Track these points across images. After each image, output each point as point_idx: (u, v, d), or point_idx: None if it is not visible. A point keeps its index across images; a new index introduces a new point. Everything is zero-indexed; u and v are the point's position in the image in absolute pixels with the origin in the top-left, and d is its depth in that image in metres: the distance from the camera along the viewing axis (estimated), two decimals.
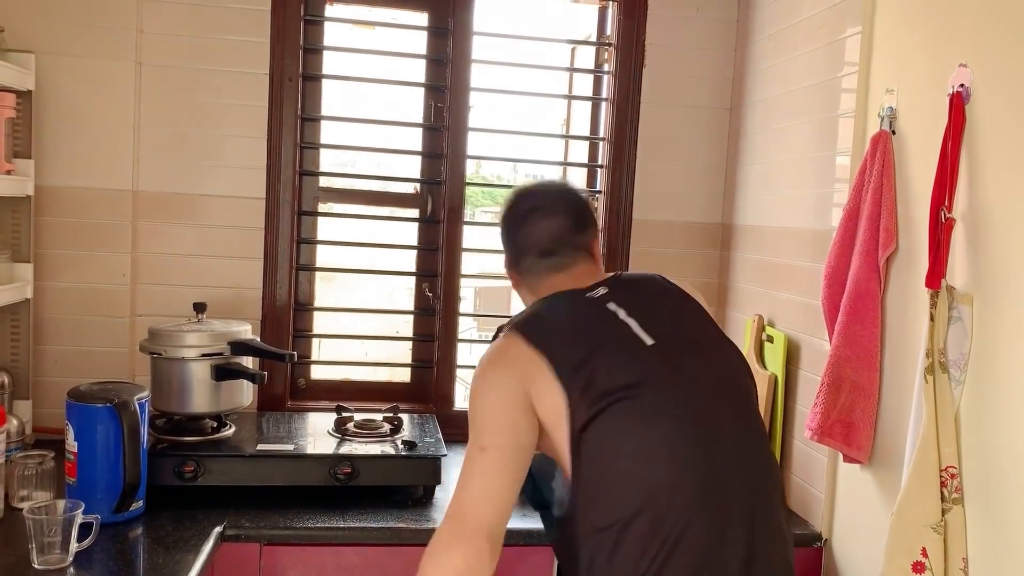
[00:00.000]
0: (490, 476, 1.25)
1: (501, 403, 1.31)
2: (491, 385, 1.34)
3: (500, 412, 1.30)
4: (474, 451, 1.27)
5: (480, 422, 1.30)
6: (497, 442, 1.27)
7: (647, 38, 2.47)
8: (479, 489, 1.24)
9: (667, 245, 2.51)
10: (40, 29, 2.15)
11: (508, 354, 1.35)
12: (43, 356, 2.20)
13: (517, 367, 1.33)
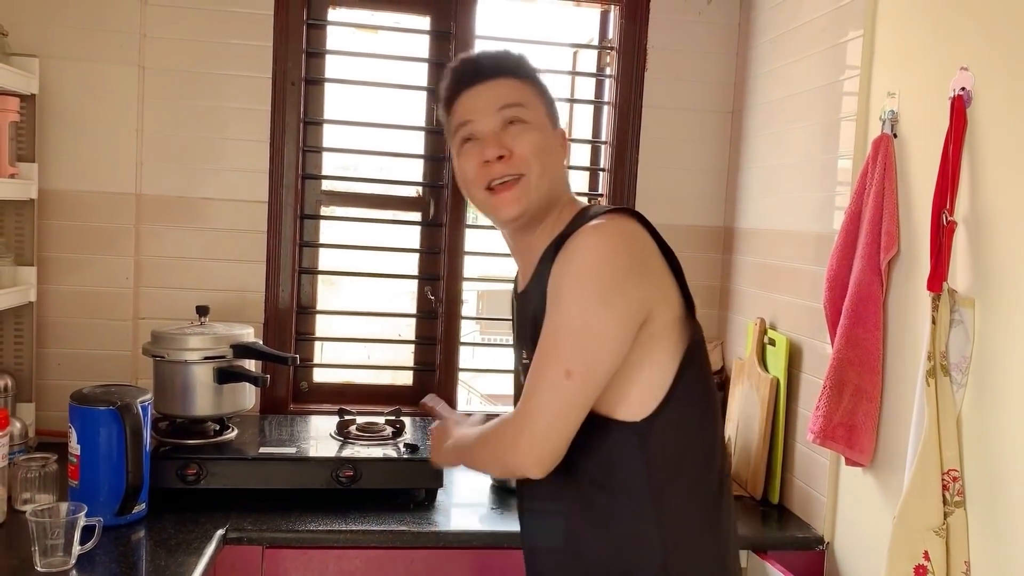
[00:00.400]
0: (570, 408, 1.16)
1: (618, 322, 1.16)
2: (618, 295, 1.17)
3: (612, 334, 1.16)
4: (557, 372, 1.15)
5: (581, 338, 1.16)
6: (589, 368, 1.16)
7: (649, 42, 2.47)
8: (556, 421, 1.16)
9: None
10: (44, 33, 2.16)
11: (637, 247, 1.22)
12: (46, 359, 2.21)
13: (647, 267, 1.22)
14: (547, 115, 1.33)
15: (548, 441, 1.16)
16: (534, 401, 1.17)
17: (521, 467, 1.18)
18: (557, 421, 1.16)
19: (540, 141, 1.29)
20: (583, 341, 1.16)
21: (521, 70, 1.33)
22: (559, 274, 1.20)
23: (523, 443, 1.17)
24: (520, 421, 1.18)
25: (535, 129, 1.29)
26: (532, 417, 1.17)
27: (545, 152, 1.29)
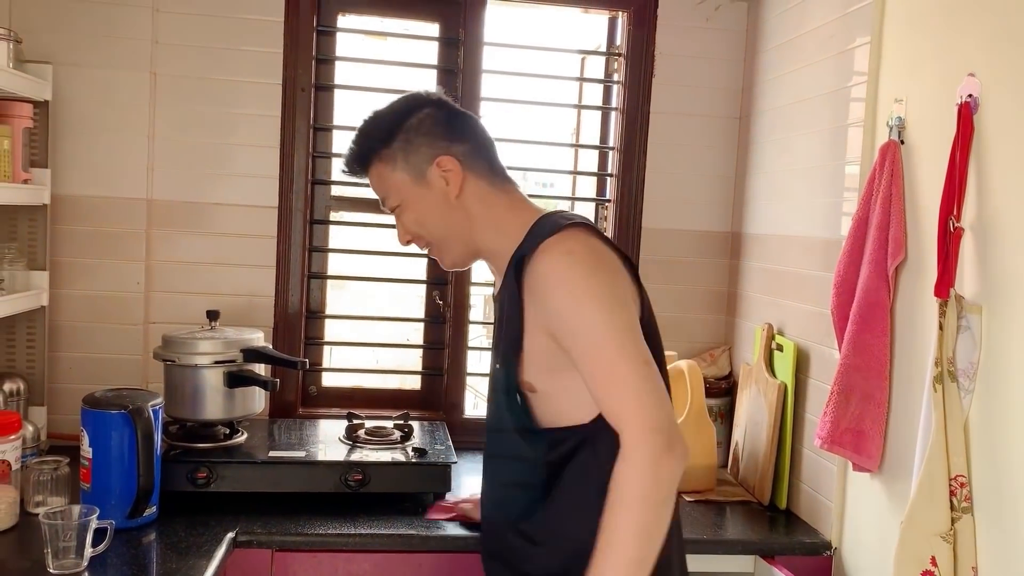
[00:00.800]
0: (663, 386, 1.23)
1: (633, 314, 1.28)
2: (621, 294, 1.28)
3: (636, 324, 1.26)
4: (640, 365, 1.21)
5: (625, 331, 1.23)
6: (646, 351, 1.24)
7: (656, 48, 2.48)
8: (665, 399, 1.21)
9: (677, 253, 2.52)
10: (58, 40, 2.18)
11: (607, 256, 1.32)
12: (58, 363, 2.23)
13: (620, 271, 1.31)
14: (409, 178, 1.39)
15: (674, 421, 1.20)
16: (643, 399, 1.19)
17: (683, 457, 1.19)
18: (667, 403, 1.22)
19: (417, 216, 1.41)
20: (627, 333, 1.23)
21: (365, 159, 1.42)
22: (558, 301, 1.26)
23: (669, 435, 1.18)
24: (647, 426, 1.17)
25: (407, 208, 1.41)
26: (652, 410, 1.18)
27: (427, 218, 1.40)
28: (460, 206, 1.39)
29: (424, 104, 1.42)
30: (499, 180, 1.43)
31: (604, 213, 2.60)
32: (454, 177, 1.37)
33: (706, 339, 2.54)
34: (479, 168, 1.40)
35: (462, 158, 1.38)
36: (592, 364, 1.24)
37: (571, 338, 1.26)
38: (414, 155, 1.38)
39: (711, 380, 2.35)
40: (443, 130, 1.39)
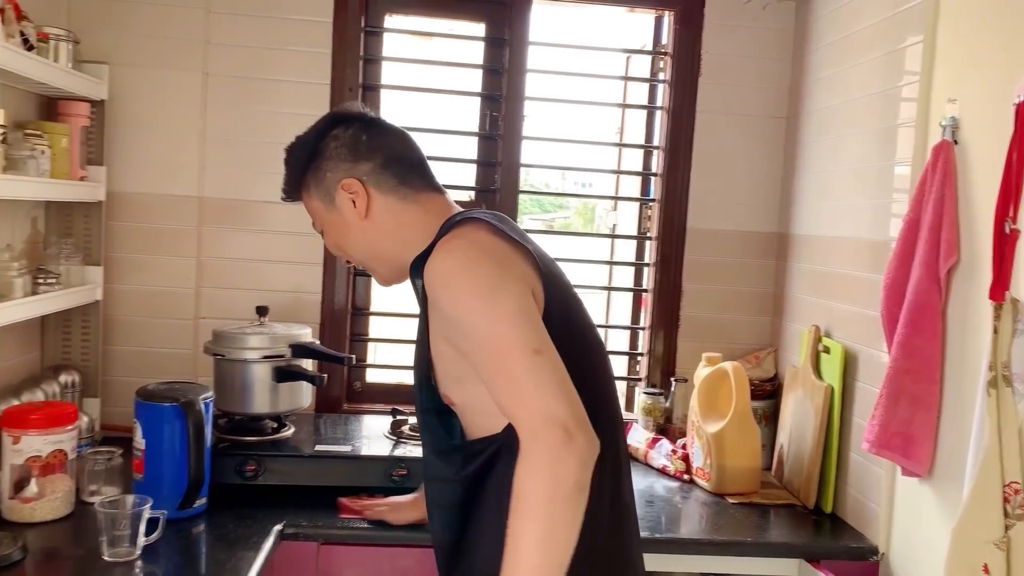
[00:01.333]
0: (562, 375, 1.11)
1: (523, 297, 1.17)
2: (504, 280, 1.18)
3: (528, 307, 1.16)
4: (527, 358, 1.10)
5: (510, 320, 1.13)
6: (546, 340, 1.13)
7: (703, 47, 2.47)
8: (563, 388, 1.10)
9: (722, 254, 2.51)
10: (114, 41, 2.23)
11: (494, 245, 1.22)
12: (111, 356, 2.28)
13: (509, 258, 1.22)
14: (322, 204, 1.39)
15: (576, 406, 1.09)
16: (534, 393, 1.09)
17: (587, 448, 1.07)
18: (566, 389, 1.10)
19: (332, 239, 1.43)
20: (515, 320, 1.13)
21: (292, 189, 1.43)
22: (442, 300, 1.19)
23: (567, 427, 1.06)
24: (539, 421, 1.07)
25: (326, 233, 1.43)
26: (545, 403, 1.08)
27: (341, 241, 1.41)
28: (371, 225, 1.36)
29: (337, 124, 1.39)
30: (412, 191, 1.37)
31: (648, 213, 2.59)
32: (359, 199, 1.35)
33: (751, 341, 2.52)
34: (386, 183, 1.36)
35: (366, 177, 1.35)
36: (481, 360, 1.15)
37: (462, 338, 1.19)
38: (322, 182, 1.37)
39: (756, 382, 2.33)
40: (347, 152, 1.36)
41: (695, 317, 2.52)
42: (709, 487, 2.14)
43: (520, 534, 1.07)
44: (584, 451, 1.07)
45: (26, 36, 1.81)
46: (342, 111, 1.44)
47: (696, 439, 2.20)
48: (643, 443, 2.35)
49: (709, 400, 2.21)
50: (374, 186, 1.35)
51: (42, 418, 1.68)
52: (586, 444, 1.07)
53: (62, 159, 1.99)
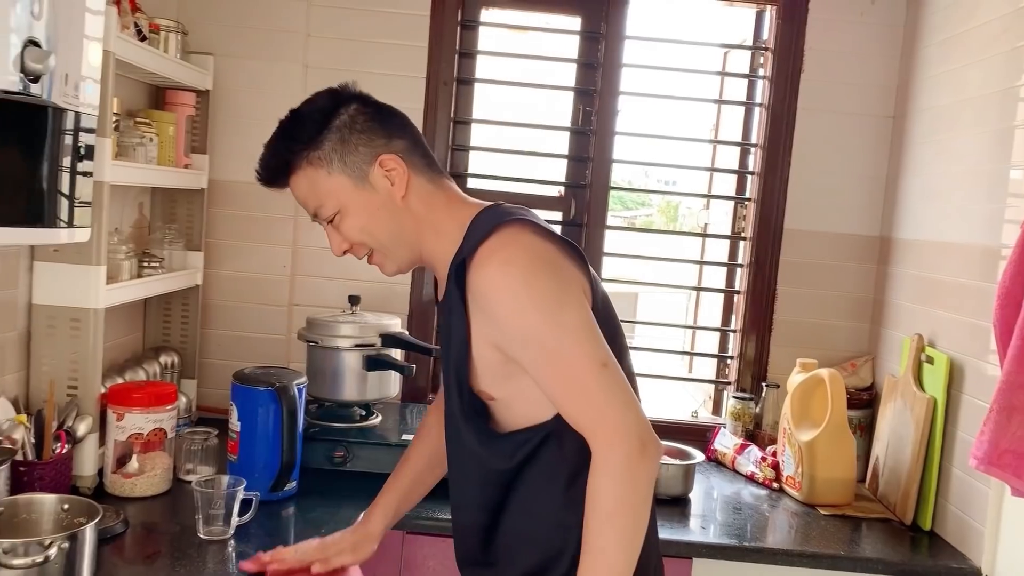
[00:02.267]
0: (626, 384, 1.14)
1: (584, 309, 1.16)
2: (566, 293, 1.16)
3: (590, 319, 1.16)
4: (595, 371, 1.12)
5: (574, 334, 1.13)
6: (609, 352, 1.14)
7: (806, 43, 2.39)
8: (630, 397, 1.13)
9: (820, 256, 2.43)
10: (219, 32, 2.30)
11: (550, 254, 1.19)
12: (208, 339, 2.35)
13: (565, 266, 1.19)
14: (349, 181, 1.24)
15: (644, 418, 1.13)
16: (605, 406, 1.12)
17: (654, 463, 1.13)
18: (634, 401, 1.13)
19: (358, 221, 1.26)
20: (580, 335, 1.14)
21: (289, 165, 1.26)
22: (502, 313, 1.16)
23: (642, 439, 1.11)
24: (615, 432, 1.11)
25: (347, 214, 1.26)
26: (619, 415, 1.11)
27: (371, 223, 1.26)
28: (406, 207, 1.26)
29: (349, 99, 1.28)
30: (437, 176, 1.30)
31: (743, 212, 2.53)
32: (399, 176, 1.24)
33: (847, 348, 2.43)
34: (419, 164, 1.27)
35: (403, 155, 1.25)
36: (547, 375, 1.16)
37: (521, 350, 1.17)
38: (352, 155, 1.24)
39: (852, 391, 2.25)
40: (379, 126, 1.25)
41: (789, 321, 2.44)
42: (799, 497, 2.08)
43: (603, 539, 1.11)
44: (655, 457, 1.13)
45: (139, 27, 1.87)
46: (345, 89, 1.31)
47: (787, 447, 2.13)
48: (731, 449, 2.29)
49: (803, 407, 2.14)
50: (411, 166, 1.26)
51: (144, 397, 1.74)
52: (656, 450, 1.13)
53: (168, 147, 2.06)
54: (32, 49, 1.07)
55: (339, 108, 1.25)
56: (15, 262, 1.67)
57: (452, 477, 1.39)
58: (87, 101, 1.28)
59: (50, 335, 1.71)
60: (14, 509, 1.39)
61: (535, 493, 1.26)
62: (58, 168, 1.29)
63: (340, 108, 1.26)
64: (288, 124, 1.28)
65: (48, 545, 1.25)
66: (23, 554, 1.24)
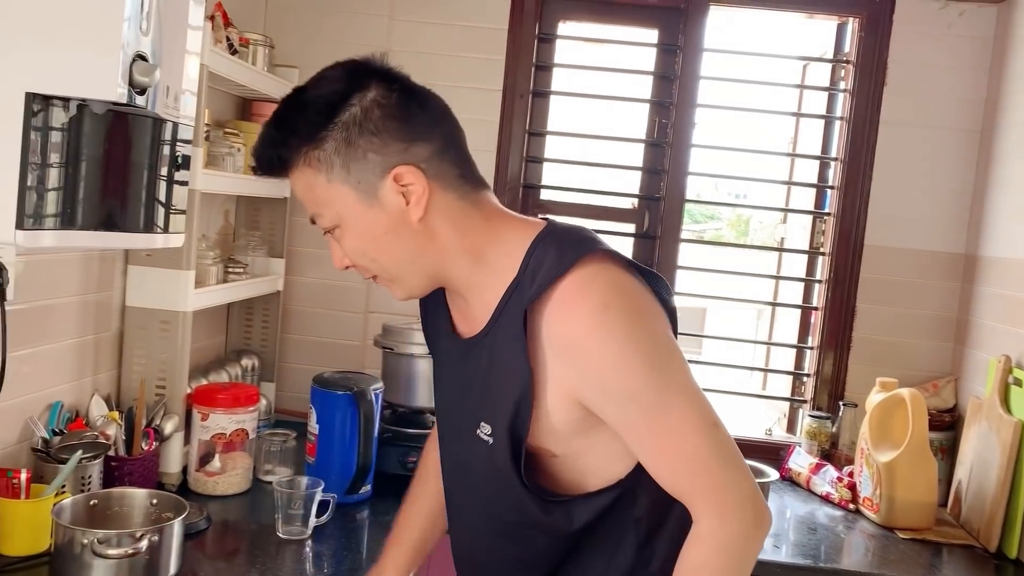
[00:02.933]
0: (735, 447, 1.02)
1: (686, 361, 1.03)
2: (666, 342, 1.01)
3: (692, 374, 1.02)
4: (707, 430, 0.99)
5: (688, 394, 1.00)
6: (716, 412, 1.02)
7: (890, 55, 2.35)
8: (742, 461, 1.01)
9: (901, 274, 2.37)
10: (304, 46, 2.36)
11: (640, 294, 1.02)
12: (287, 344, 2.41)
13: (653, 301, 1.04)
14: (353, 194, 1.00)
15: (758, 492, 1.01)
16: (720, 470, 0.99)
17: (767, 529, 1.02)
18: (745, 465, 1.02)
19: (362, 244, 1.02)
20: (688, 392, 1.00)
21: (284, 161, 1.02)
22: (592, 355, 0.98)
23: (756, 508, 1.00)
24: (730, 500, 0.99)
25: (348, 233, 1.02)
26: (734, 481, 0.99)
27: (373, 248, 1.02)
28: (424, 230, 1.02)
29: (367, 80, 1.00)
30: (471, 188, 1.05)
31: (822, 227, 2.49)
32: (417, 194, 0.99)
33: (929, 368, 2.37)
34: (447, 175, 1.02)
35: (426, 165, 1.00)
36: (647, 434, 1.01)
37: (616, 407, 1.00)
38: (359, 163, 0.98)
39: (934, 412, 2.19)
40: (398, 125, 0.99)
41: (868, 339, 2.39)
42: (877, 519, 2.03)
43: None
44: (767, 530, 1.02)
45: (231, 41, 1.94)
46: (371, 63, 1.03)
47: (865, 467, 2.08)
48: (805, 468, 2.25)
49: (882, 427, 2.09)
50: (434, 178, 1.00)
51: (228, 398, 1.79)
52: (769, 523, 1.02)
53: None
54: (140, 63, 1.12)
55: (352, 94, 0.98)
56: (111, 265, 1.75)
57: (475, 541, 1.19)
58: (186, 113, 1.33)
59: (142, 336, 1.79)
60: (107, 502, 1.46)
61: (599, 555, 1.11)
62: (157, 176, 1.35)
63: (353, 94, 0.98)
64: (287, 109, 1.03)
65: (139, 537, 1.31)
66: (116, 545, 1.30)
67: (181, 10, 1.28)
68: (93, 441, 1.56)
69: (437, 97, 1.06)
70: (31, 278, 1.49)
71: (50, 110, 1.12)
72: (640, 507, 1.08)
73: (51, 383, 1.60)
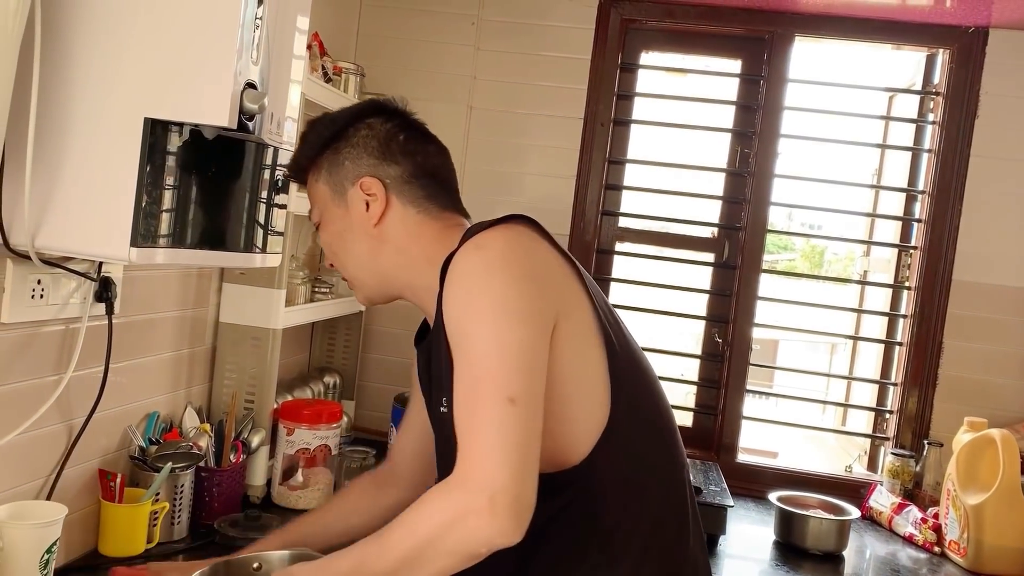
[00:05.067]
0: (527, 438, 0.96)
1: (537, 334, 1.01)
2: (526, 305, 1.01)
3: (534, 345, 1.00)
4: (498, 402, 0.96)
5: (507, 357, 0.98)
6: (529, 388, 0.98)
7: (982, 87, 2.30)
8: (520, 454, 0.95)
9: (992, 311, 2.30)
10: (394, 74, 2.44)
11: (524, 250, 1.06)
12: (367, 362, 2.47)
13: (542, 270, 1.06)
14: (329, 192, 1.21)
15: (523, 485, 0.94)
16: (486, 445, 0.95)
17: (499, 533, 0.93)
18: (524, 459, 0.95)
19: (326, 236, 1.24)
20: (511, 360, 0.98)
21: (300, 166, 1.25)
22: (451, 303, 1.04)
23: (494, 501, 0.93)
24: (476, 475, 0.94)
25: (324, 226, 1.24)
26: (493, 464, 0.93)
27: (335, 242, 1.23)
28: (379, 236, 1.19)
29: (375, 114, 1.23)
30: (436, 208, 1.20)
31: (907, 261, 2.44)
32: (376, 203, 1.18)
33: (1019, 408, 2.28)
34: (410, 194, 1.19)
35: (390, 181, 1.19)
36: (458, 381, 1.01)
37: (454, 345, 1.02)
38: (338, 169, 1.21)
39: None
40: (377, 147, 1.20)
41: (955, 377, 2.32)
42: (964, 563, 1.96)
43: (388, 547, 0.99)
44: (496, 535, 0.93)
45: (326, 70, 2.02)
46: (385, 102, 1.26)
47: (952, 509, 2.02)
48: (887, 507, 2.19)
49: (970, 469, 2.02)
50: (396, 194, 1.19)
51: (312, 414, 1.84)
52: (502, 530, 0.93)
53: None
54: (250, 91, 1.18)
55: (354, 122, 1.22)
56: (208, 283, 1.83)
57: None
58: (287, 139, 1.39)
59: (233, 351, 1.85)
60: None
61: (563, 564, 1.10)
62: (258, 199, 1.41)
63: (356, 122, 1.22)
64: (310, 126, 1.27)
65: None
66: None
67: (287, 40, 1.34)
68: (187, 452, 1.62)
69: (434, 139, 1.26)
70: (134, 293, 1.56)
71: (166, 135, 1.18)
72: (603, 515, 1.08)
73: (149, 394, 1.68)
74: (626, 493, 1.08)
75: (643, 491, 1.12)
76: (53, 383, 1.38)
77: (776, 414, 2.93)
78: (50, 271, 1.32)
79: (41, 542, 1.22)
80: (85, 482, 1.49)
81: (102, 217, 1.16)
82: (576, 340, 1.07)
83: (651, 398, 1.17)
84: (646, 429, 1.14)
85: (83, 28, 1.15)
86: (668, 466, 1.16)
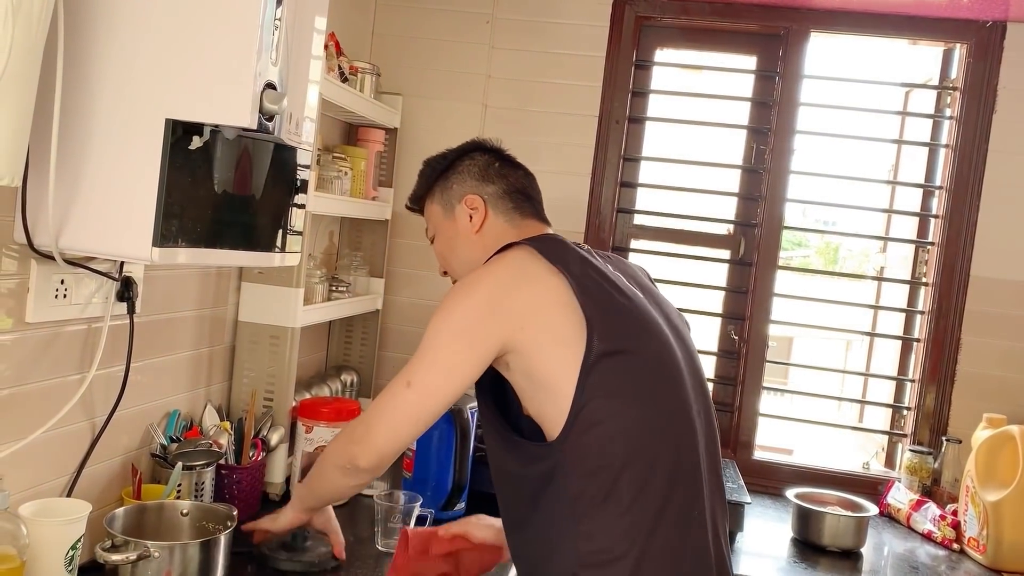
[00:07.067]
0: (406, 417, 1.26)
1: (465, 347, 1.24)
2: (469, 325, 1.25)
3: (454, 358, 1.25)
4: (400, 382, 1.27)
5: (427, 357, 1.26)
6: (427, 383, 1.25)
7: (1000, 82, 2.28)
8: (391, 431, 1.27)
9: (1011, 307, 2.29)
10: (409, 74, 2.45)
11: (502, 281, 1.27)
12: (384, 361, 2.48)
13: (516, 299, 1.25)
14: (441, 210, 1.49)
15: (384, 443, 1.28)
16: (379, 405, 1.29)
17: (356, 459, 1.30)
18: (393, 428, 1.27)
19: (440, 246, 1.50)
20: (427, 359, 1.26)
21: (420, 196, 1.53)
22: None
23: (366, 439, 1.28)
24: (366, 419, 1.30)
25: (437, 238, 1.51)
26: (375, 419, 1.29)
27: (446, 248, 1.49)
28: (479, 240, 1.45)
29: (476, 150, 1.51)
30: (520, 219, 1.46)
31: (925, 256, 2.43)
32: (477, 214, 1.45)
33: None
34: (502, 208, 1.46)
35: (487, 197, 1.45)
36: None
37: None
38: (448, 192, 1.48)
39: None
40: (478, 172, 1.47)
41: (974, 373, 2.31)
42: (983, 560, 1.95)
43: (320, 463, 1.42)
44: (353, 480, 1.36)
45: (342, 70, 2.03)
46: (483, 141, 1.55)
47: (971, 506, 2.01)
48: (906, 504, 2.18)
49: (989, 465, 2.01)
50: (492, 207, 1.45)
51: (331, 412, 1.85)
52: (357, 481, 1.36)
53: (359, 180, 2.20)
54: (269, 92, 1.19)
55: (461, 158, 1.50)
56: (227, 282, 1.84)
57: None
58: (306, 139, 1.40)
59: (252, 350, 1.87)
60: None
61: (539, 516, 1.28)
62: (278, 199, 1.42)
63: (462, 157, 1.50)
64: (426, 163, 1.55)
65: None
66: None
67: (306, 41, 1.35)
68: (207, 449, 1.64)
69: (521, 165, 1.53)
70: (155, 293, 1.58)
71: (187, 136, 1.19)
72: (572, 487, 1.22)
73: (169, 392, 1.69)
74: (599, 470, 1.21)
75: (616, 473, 1.22)
76: (76, 382, 1.40)
77: (792, 411, 2.92)
78: (73, 271, 1.33)
79: (66, 539, 1.24)
80: (107, 479, 1.51)
81: (125, 217, 1.18)
82: (544, 341, 1.24)
83: (646, 385, 1.27)
84: (631, 415, 1.24)
85: (105, 31, 1.17)
86: (660, 447, 1.25)
